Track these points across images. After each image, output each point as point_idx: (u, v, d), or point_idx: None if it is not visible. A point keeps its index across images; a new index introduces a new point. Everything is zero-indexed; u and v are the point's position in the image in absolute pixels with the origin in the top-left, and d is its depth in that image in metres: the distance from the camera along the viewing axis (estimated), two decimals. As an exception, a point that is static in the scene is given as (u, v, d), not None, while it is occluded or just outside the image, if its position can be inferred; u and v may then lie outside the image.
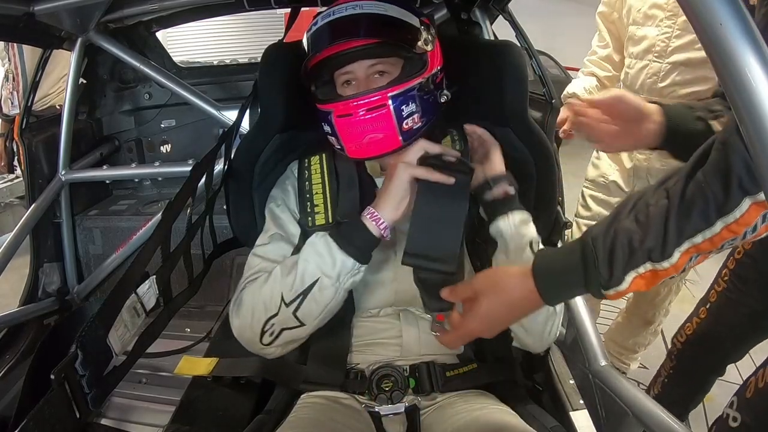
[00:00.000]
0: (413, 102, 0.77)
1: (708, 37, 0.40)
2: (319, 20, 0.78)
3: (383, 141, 0.77)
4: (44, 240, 1.66)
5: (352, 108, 0.76)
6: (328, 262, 0.72)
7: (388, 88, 0.75)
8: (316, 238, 0.74)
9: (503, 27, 1.34)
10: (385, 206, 0.73)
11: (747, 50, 0.38)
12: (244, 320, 0.77)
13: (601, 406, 0.77)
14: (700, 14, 0.40)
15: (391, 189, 0.73)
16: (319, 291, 0.72)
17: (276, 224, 0.85)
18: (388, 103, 0.75)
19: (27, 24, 1.22)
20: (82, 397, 0.65)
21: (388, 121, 0.76)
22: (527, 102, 0.94)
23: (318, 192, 0.85)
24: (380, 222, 0.72)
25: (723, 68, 0.40)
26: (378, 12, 0.77)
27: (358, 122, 0.76)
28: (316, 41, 0.79)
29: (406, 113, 0.76)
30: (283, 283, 0.74)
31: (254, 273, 0.80)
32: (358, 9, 0.76)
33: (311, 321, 0.75)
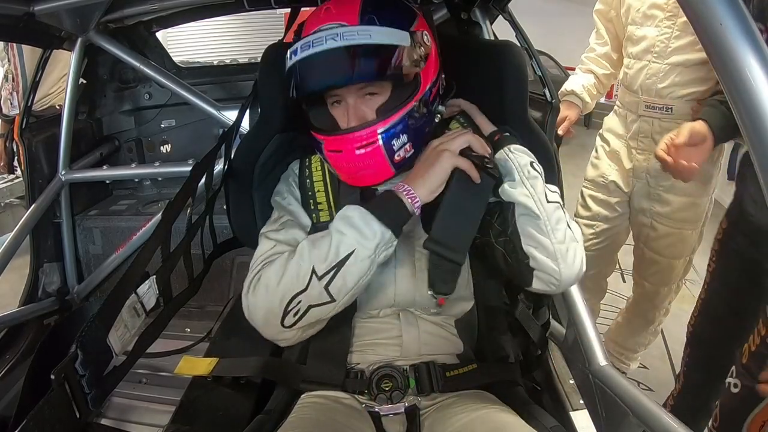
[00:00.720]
0: (404, 133, 0.75)
1: (708, 37, 0.40)
2: (299, 50, 0.73)
3: (375, 174, 0.78)
4: (44, 240, 1.66)
5: (341, 145, 0.75)
6: (367, 232, 0.70)
7: (377, 123, 0.74)
8: (348, 210, 0.73)
9: (503, 27, 1.34)
10: (422, 186, 0.73)
11: (747, 50, 0.38)
12: (264, 300, 0.73)
13: (601, 406, 0.77)
14: (700, 14, 0.40)
15: (432, 172, 0.73)
16: (354, 263, 0.70)
17: (286, 211, 0.85)
18: (377, 139, 0.74)
19: (27, 24, 1.22)
20: (82, 397, 0.65)
21: (379, 157, 0.75)
22: (527, 102, 0.94)
23: (320, 190, 0.85)
24: (415, 200, 0.72)
25: (723, 68, 0.40)
26: (361, 42, 0.71)
27: (349, 158, 0.76)
28: (298, 77, 0.75)
29: (398, 146, 0.76)
30: (313, 256, 0.71)
31: (270, 255, 0.78)
32: (339, 40, 0.70)
33: (342, 297, 0.72)
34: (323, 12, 0.75)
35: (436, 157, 0.73)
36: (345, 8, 0.74)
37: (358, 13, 0.73)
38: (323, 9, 0.75)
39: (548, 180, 0.92)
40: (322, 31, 0.72)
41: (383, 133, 0.74)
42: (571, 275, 0.73)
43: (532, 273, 0.74)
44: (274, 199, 0.89)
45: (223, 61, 2.33)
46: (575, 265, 0.74)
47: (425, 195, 0.72)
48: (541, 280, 0.75)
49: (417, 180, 0.73)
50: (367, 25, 0.72)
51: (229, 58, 2.68)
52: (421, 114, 0.77)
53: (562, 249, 0.72)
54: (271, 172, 0.96)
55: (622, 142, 1.52)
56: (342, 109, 0.78)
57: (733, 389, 0.93)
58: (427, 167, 0.74)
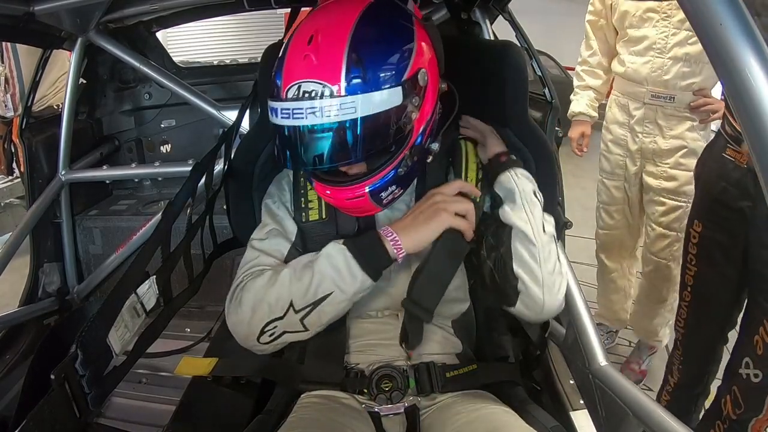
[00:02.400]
0: (392, 184, 0.74)
1: (708, 37, 0.40)
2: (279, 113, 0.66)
3: (365, 212, 0.79)
4: (44, 240, 1.66)
5: (330, 194, 0.76)
6: (347, 279, 0.72)
7: (364, 181, 0.72)
8: (334, 250, 0.73)
9: (503, 27, 1.34)
10: (410, 238, 0.73)
11: (747, 50, 0.38)
12: (244, 317, 0.75)
13: (601, 406, 0.77)
14: (700, 14, 0.40)
15: (425, 228, 0.73)
16: (331, 303, 0.73)
17: (273, 220, 0.85)
18: (364, 193, 0.73)
19: (27, 24, 1.22)
20: (82, 397, 0.65)
21: (366, 205, 0.75)
22: (527, 102, 0.94)
23: (312, 188, 0.85)
24: (401, 250, 0.72)
25: (723, 68, 0.40)
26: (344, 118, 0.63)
27: (337, 203, 0.77)
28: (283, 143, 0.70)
29: (385, 195, 0.75)
30: (293, 289, 0.73)
31: (253, 267, 0.79)
32: (319, 116, 0.63)
33: (315, 328, 0.76)
34: (303, 60, 0.65)
35: (432, 215, 0.73)
36: (327, 62, 0.64)
37: (342, 70, 0.63)
38: (303, 55, 0.65)
39: (548, 180, 0.93)
40: (302, 99, 0.64)
41: (371, 188, 0.73)
42: (553, 307, 0.77)
43: (518, 295, 0.76)
44: (264, 202, 0.89)
45: (223, 61, 2.33)
46: (558, 298, 0.77)
47: (412, 247, 0.73)
48: (524, 305, 0.77)
49: (407, 230, 0.73)
50: (351, 94, 0.63)
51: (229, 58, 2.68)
52: (412, 162, 0.75)
53: (551, 280, 0.75)
54: (271, 172, 0.96)
55: (625, 129, 1.68)
56: None
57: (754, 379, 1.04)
58: (421, 222, 0.74)
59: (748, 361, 1.05)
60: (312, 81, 0.64)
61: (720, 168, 1.17)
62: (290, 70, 0.67)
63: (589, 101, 1.77)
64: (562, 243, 1.04)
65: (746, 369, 1.06)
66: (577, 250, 2.94)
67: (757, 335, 1.04)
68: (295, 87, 0.65)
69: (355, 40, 0.65)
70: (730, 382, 1.13)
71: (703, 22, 0.40)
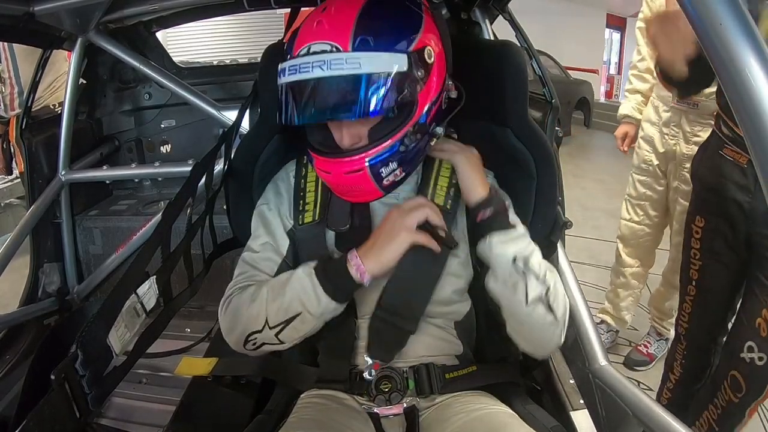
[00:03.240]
0: (393, 160, 0.73)
1: (708, 37, 0.40)
2: (287, 71, 0.69)
3: (363, 194, 0.77)
4: (44, 240, 1.66)
5: (329, 167, 0.75)
6: (313, 302, 0.73)
7: (365, 152, 0.71)
8: (304, 273, 0.75)
9: (503, 27, 1.34)
10: (373, 260, 0.72)
11: (747, 50, 0.38)
12: (231, 326, 0.79)
13: (601, 406, 0.77)
14: (700, 14, 0.40)
15: (387, 249, 0.72)
16: (300, 323, 0.75)
17: (266, 230, 0.85)
18: (364, 167, 0.72)
19: (27, 24, 1.22)
20: (82, 397, 0.65)
21: (366, 182, 0.74)
22: (527, 102, 0.94)
23: (311, 190, 0.85)
24: (364, 274, 0.72)
25: (723, 68, 0.40)
26: (349, 72, 0.66)
27: (336, 179, 0.76)
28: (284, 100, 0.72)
29: (386, 173, 0.74)
30: (269, 307, 0.75)
31: (243, 279, 0.82)
32: (326, 69, 0.66)
33: (291, 342, 0.78)
34: (315, 26, 0.70)
35: (391, 235, 0.73)
36: (338, 25, 0.68)
37: (351, 32, 0.67)
38: (315, 21, 0.70)
39: (548, 180, 0.93)
40: (311, 55, 0.67)
41: (370, 161, 0.72)
42: (545, 354, 0.82)
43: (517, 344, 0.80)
44: (259, 208, 0.88)
45: (223, 61, 2.33)
46: (550, 347, 0.78)
47: (376, 270, 0.73)
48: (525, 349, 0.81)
49: (370, 253, 0.73)
50: (358, 51, 0.66)
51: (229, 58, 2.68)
52: (415, 140, 0.74)
53: (543, 337, 0.76)
54: (271, 172, 0.96)
55: (655, 129, 1.77)
56: (336, 125, 0.75)
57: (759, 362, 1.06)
58: (381, 244, 0.73)
59: (752, 345, 1.07)
60: (322, 42, 0.67)
61: (717, 165, 1.18)
62: (303, 36, 0.70)
63: (636, 104, 1.87)
64: (563, 243, 1.04)
65: (749, 353, 1.07)
66: (577, 250, 2.97)
67: (760, 317, 1.06)
68: (305, 48, 0.68)
69: (366, 10, 0.69)
70: (728, 367, 1.14)
71: (703, 22, 0.40)
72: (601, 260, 2.81)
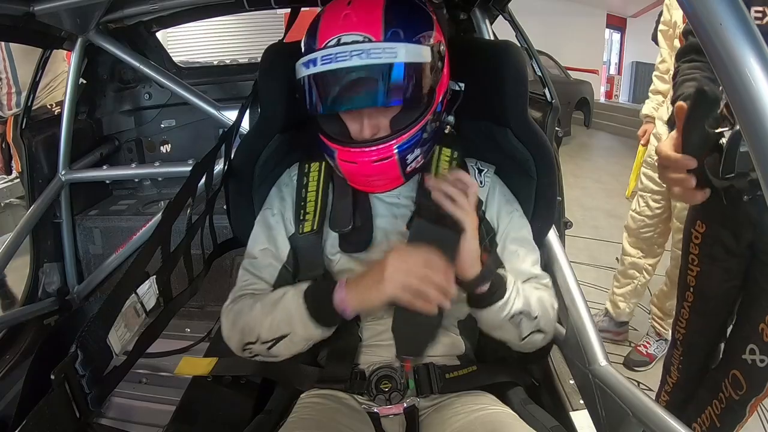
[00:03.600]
0: (417, 146, 0.76)
1: (708, 37, 0.40)
2: (319, 61, 0.70)
3: (386, 183, 0.79)
4: (44, 240, 1.66)
5: (356, 157, 0.75)
6: (300, 325, 0.74)
7: (393, 139, 0.73)
8: (294, 295, 0.76)
9: (503, 27, 1.34)
10: (355, 299, 0.72)
11: (747, 50, 0.38)
12: (230, 334, 0.80)
13: (601, 406, 0.77)
14: (700, 14, 0.40)
15: (370, 294, 0.70)
16: (290, 342, 0.76)
17: (268, 236, 0.85)
18: (393, 154, 0.74)
19: (27, 24, 1.22)
20: (82, 397, 0.65)
21: (393, 170, 0.76)
22: (527, 102, 0.94)
23: (311, 200, 0.85)
24: (346, 309, 0.72)
25: (723, 68, 0.40)
26: (388, 61, 0.68)
27: (363, 170, 0.76)
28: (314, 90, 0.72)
29: (411, 159, 0.77)
30: (262, 324, 0.77)
31: (244, 287, 0.83)
32: (365, 58, 0.68)
33: (284, 356, 0.79)
34: (342, 18, 0.71)
35: (380, 281, 0.69)
36: (367, 17, 0.70)
37: (382, 24, 0.69)
38: (342, 14, 0.71)
39: (548, 179, 0.93)
40: (345, 45, 0.69)
41: (399, 148, 0.74)
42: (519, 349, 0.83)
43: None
44: (263, 212, 0.89)
45: (223, 61, 2.33)
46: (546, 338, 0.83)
47: (357, 307, 0.73)
48: None
49: (356, 291, 0.72)
50: (392, 42, 0.69)
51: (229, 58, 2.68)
52: (434, 127, 0.78)
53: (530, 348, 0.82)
54: (271, 172, 0.96)
55: (665, 127, 1.81)
56: (355, 117, 0.76)
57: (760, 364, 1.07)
58: (368, 285, 0.71)
59: (754, 348, 1.08)
60: (353, 33, 0.69)
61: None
62: (329, 28, 0.71)
63: (656, 104, 1.96)
64: (563, 243, 1.04)
65: (751, 355, 1.08)
66: (577, 250, 2.97)
67: (763, 323, 1.06)
68: (334, 39, 0.70)
69: (389, 6, 0.72)
70: (728, 367, 1.15)
71: (703, 22, 0.40)
72: (601, 260, 2.81)
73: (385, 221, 0.84)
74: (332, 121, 0.78)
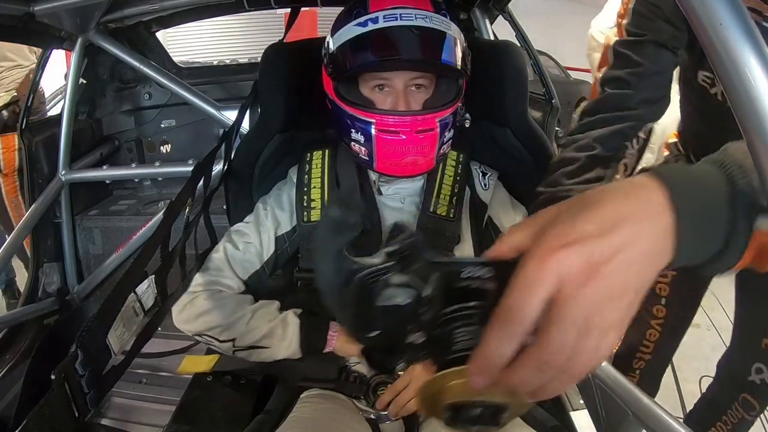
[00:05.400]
0: (451, 127, 0.78)
1: (708, 37, 0.40)
2: (381, 19, 0.71)
3: (421, 164, 0.78)
4: (44, 240, 1.66)
5: (399, 126, 0.74)
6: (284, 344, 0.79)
7: (437, 111, 0.75)
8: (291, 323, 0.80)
9: (503, 27, 1.34)
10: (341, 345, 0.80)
11: (747, 50, 0.38)
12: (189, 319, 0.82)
13: (601, 406, 0.77)
14: (700, 14, 0.40)
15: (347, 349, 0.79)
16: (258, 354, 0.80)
17: (256, 230, 0.86)
18: (436, 125, 0.75)
19: (27, 24, 1.22)
20: (81, 397, 0.65)
21: (432, 145, 0.76)
22: (527, 102, 0.94)
23: (316, 186, 0.85)
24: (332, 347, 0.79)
25: (723, 68, 0.40)
26: (446, 30, 0.74)
27: (403, 142, 0.75)
28: (370, 46, 0.73)
29: (446, 138, 0.78)
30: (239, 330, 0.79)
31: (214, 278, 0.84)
32: (428, 22, 0.72)
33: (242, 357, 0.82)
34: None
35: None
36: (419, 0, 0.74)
37: (431, 3, 0.75)
38: None
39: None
40: (406, 8, 0.72)
41: (441, 121, 0.75)
42: None
43: None
44: (257, 205, 0.90)
45: (223, 61, 2.33)
46: None
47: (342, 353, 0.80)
48: None
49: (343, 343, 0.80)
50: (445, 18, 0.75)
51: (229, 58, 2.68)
52: (460, 118, 0.80)
53: None
54: (271, 172, 0.96)
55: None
56: (388, 94, 0.76)
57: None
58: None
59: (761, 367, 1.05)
60: (409, 7, 0.73)
61: None
62: (381, 2, 0.74)
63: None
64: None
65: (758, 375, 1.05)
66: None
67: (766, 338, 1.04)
68: (391, 8, 0.73)
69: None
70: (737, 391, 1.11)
71: (703, 22, 0.40)
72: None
73: (390, 225, 0.84)
74: (357, 94, 0.78)
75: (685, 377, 1.72)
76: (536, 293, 0.27)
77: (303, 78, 0.90)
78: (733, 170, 0.33)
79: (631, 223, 0.28)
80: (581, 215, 0.29)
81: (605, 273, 0.27)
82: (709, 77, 0.83)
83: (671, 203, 0.29)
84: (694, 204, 0.30)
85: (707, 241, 0.31)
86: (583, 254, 0.27)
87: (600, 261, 0.27)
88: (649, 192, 0.30)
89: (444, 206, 0.83)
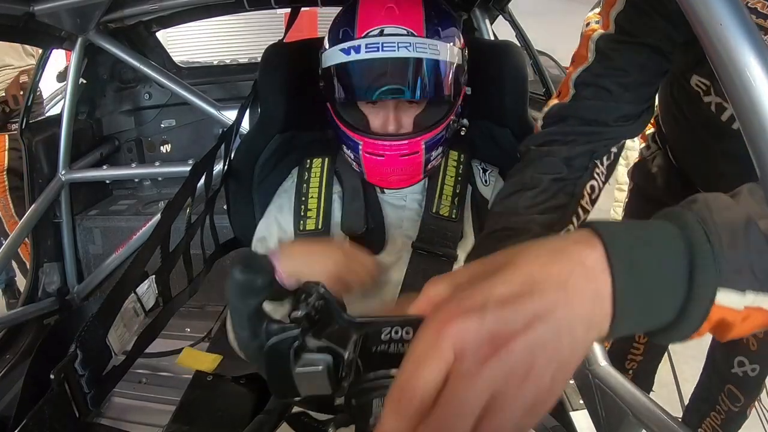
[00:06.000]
0: (439, 145, 0.78)
1: (708, 37, 0.40)
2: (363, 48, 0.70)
3: (406, 179, 0.80)
4: (44, 240, 1.66)
5: (384, 150, 0.75)
6: None
7: (422, 135, 0.75)
8: None
9: (503, 27, 1.34)
10: None
11: (747, 50, 0.38)
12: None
13: (601, 406, 0.77)
14: (700, 14, 0.40)
15: None
16: None
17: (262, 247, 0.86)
18: (420, 149, 0.75)
19: (27, 24, 1.22)
20: (81, 396, 0.65)
21: (417, 165, 0.77)
22: (527, 102, 0.94)
23: (313, 196, 0.85)
24: None
25: (723, 68, 0.40)
26: (431, 57, 0.71)
27: (388, 164, 0.76)
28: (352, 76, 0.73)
29: (433, 157, 0.78)
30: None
31: None
32: (411, 51, 0.69)
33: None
34: (385, 11, 0.72)
35: None
36: (410, 13, 0.72)
37: (423, 21, 0.72)
38: (385, 6, 0.73)
39: None
40: (386, 36, 0.70)
41: (427, 143, 0.75)
42: None
43: None
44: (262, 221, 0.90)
45: (223, 61, 2.32)
46: None
47: None
48: None
49: None
50: (433, 39, 0.72)
51: (229, 58, 2.68)
52: (454, 128, 0.79)
53: None
54: (271, 173, 0.96)
55: None
56: (379, 111, 0.77)
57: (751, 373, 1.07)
58: None
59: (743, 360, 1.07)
60: (397, 26, 0.71)
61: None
62: (370, 19, 0.73)
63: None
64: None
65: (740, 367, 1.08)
66: (577, 250, 2.97)
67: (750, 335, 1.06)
68: (378, 30, 0.71)
69: (428, 4, 0.74)
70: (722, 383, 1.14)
71: (703, 22, 0.40)
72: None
73: (392, 224, 0.84)
74: (353, 114, 0.78)
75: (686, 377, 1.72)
76: (428, 368, 0.23)
77: (303, 78, 0.90)
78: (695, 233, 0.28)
79: (554, 286, 0.25)
80: (498, 274, 0.25)
81: (513, 347, 0.23)
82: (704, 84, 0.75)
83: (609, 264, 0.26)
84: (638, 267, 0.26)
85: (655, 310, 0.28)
86: (487, 323, 0.23)
87: (508, 332, 0.23)
88: (584, 249, 0.26)
89: (446, 206, 0.83)
